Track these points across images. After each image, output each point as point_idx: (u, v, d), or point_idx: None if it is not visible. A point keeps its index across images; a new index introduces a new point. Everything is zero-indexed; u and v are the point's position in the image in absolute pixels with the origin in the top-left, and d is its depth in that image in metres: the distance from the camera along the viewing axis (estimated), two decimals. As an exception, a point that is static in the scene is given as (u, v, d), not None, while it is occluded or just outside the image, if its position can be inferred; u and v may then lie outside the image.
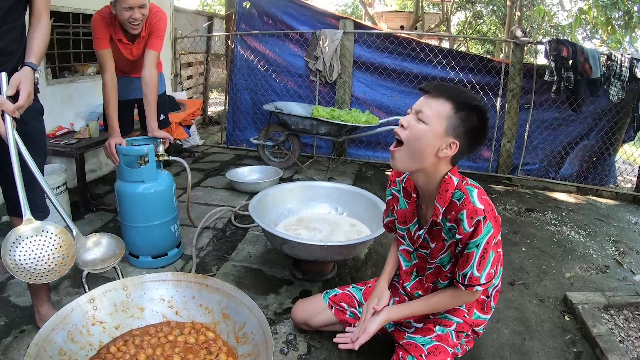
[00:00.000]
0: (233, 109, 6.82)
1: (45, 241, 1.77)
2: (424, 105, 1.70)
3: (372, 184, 5.44)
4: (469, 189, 1.73)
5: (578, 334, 2.87)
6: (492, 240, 1.71)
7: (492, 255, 1.73)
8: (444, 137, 1.68)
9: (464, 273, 1.77)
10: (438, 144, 1.70)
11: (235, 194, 4.76)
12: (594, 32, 13.00)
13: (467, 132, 1.69)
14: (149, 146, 3.03)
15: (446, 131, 1.68)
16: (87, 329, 1.86)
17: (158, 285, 2.07)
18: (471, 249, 1.71)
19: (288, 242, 2.59)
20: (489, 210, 1.69)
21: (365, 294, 2.31)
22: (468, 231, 1.69)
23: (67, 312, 1.81)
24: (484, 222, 1.67)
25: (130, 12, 3.07)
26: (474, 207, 1.68)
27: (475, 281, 1.77)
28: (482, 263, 1.73)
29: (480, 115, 1.69)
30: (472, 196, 1.70)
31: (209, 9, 17.19)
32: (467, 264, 1.75)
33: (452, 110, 1.66)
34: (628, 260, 4.03)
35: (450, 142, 1.69)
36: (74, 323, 1.82)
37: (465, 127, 1.68)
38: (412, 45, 6.02)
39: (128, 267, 3.19)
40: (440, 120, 1.67)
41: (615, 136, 5.99)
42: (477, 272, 1.75)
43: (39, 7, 2.06)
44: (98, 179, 5.00)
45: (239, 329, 1.90)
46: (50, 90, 4.47)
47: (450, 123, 1.67)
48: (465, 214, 1.68)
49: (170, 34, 6.84)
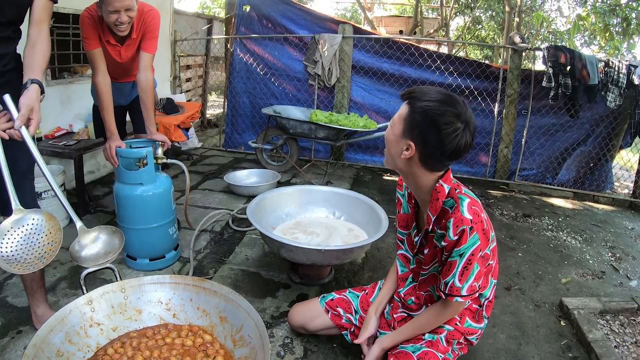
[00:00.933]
0: (232, 112, 6.83)
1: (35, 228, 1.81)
2: (397, 112, 1.76)
3: (369, 188, 5.44)
4: (461, 197, 1.73)
5: (574, 340, 2.88)
6: (477, 253, 1.70)
7: (476, 267, 1.73)
8: (401, 139, 1.72)
9: (446, 281, 1.78)
10: (400, 147, 1.74)
11: (233, 197, 4.76)
12: (592, 38, 13.03)
13: (420, 134, 1.68)
14: (148, 149, 3.03)
15: (403, 133, 1.71)
16: (85, 331, 1.87)
17: (156, 287, 2.07)
18: (454, 257, 1.72)
19: (285, 245, 2.60)
20: (477, 222, 1.69)
21: (362, 302, 2.32)
22: (452, 239, 1.69)
23: (65, 314, 1.82)
24: (469, 232, 1.67)
25: (116, 16, 2.95)
26: (461, 216, 1.68)
27: (456, 291, 1.76)
28: (464, 274, 1.73)
29: (428, 118, 1.66)
30: (462, 205, 1.70)
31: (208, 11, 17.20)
32: (450, 272, 1.75)
33: (408, 111, 1.70)
34: (624, 266, 4.04)
35: (407, 144, 1.72)
36: (72, 324, 1.83)
37: (418, 130, 1.68)
38: (410, 50, 6.04)
39: (125, 270, 3.20)
40: (400, 122, 1.72)
41: (612, 142, 6.01)
42: (458, 282, 1.75)
43: (40, 18, 2.05)
44: (96, 181, 5.01)
45: (236, 332, 1.91)
46: (49, 91, 4.46)
47: (406, 124, 1.70)
48: (452, 222, 1.69)
49: (169, 37, 6.85)
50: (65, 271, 3.16)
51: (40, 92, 1.92)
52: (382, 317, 2.22)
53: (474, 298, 1.95)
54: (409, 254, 2.09)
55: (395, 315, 2.16)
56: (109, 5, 2.89)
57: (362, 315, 2.26)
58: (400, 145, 1.73)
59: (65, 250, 3.35)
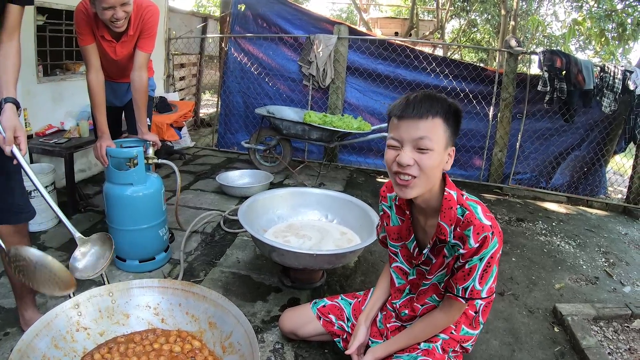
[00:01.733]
0: (225, 111, 6.78)
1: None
2: (417, 132, 1.62)
3: (362, 190, 5.41)
4: (472, 205, 1.71)
5: (567, 346, 2.86)
6: (496, 255, 1.69)
7: (494, 270, 1.72)
8: (445, 151, 1.68)
9: (465, 286, 1.74)
10: (443, 160, 1.69)
11: (225, 197, 4.72)
12: (587, 43, 13.07)
13: (456, 131, 1.70)
14: (139, 149, 2.98)
15: (446, 144, 1.67)
16: (72, 335, 1.82)
17: (144, 291, 2.03)
18: (474, 262, 1.69)
19: (277, 249, 2.56)
20: (495, 226, 1.67)
21: (355, 309, 2.28)
22: (473, 247, 1.66)
23: (51, 318, 1.77)
24: (491, 237, 1.65)
25: (111, 12, 2.78)
26: (481, 223, 1.65)
27: (477, 294, 1.74)
28: (484, 277, 1.71)
29: (459, 112, 1.69)
30: (477, 212, 1.68)
31: (204, 10, 17.14)
32: (469, 277, 1.72)
33: (443, 123, 1.64)
34: (618, 271, 4.03)
35: (449, 152, 1.70)
36: (58, 329, 1.78)
37: (456, 128, 1.69)
38: (406, 52, 6.02)
39: (115, 271, 3.15)
40: (440, 138, 1.63)
41: (606, 147, 6.02)
42: (479, 286, 1.72)
43: (12, 26, 1.97)
44: (87, 179, 4.96)
45: (225, 339, 1.87)
46: (41, 88, 4.42)
47: (447, 135, 1.66)
48: (472, 230, 1.65)
49: (164, 35, 6.81)
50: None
51: (17, 108, 1.88)
52: (373, 325, 2.18)
53: (471, 304, 1.93)
54: (406, 266, 2.05)
55: (388, 325, 2.12)
56: (102, 2, 2.74)
57: (355, 322, 2.23)
58: (443, 159, 1.68)
59: (54, 250, 3.35)
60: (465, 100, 6.01)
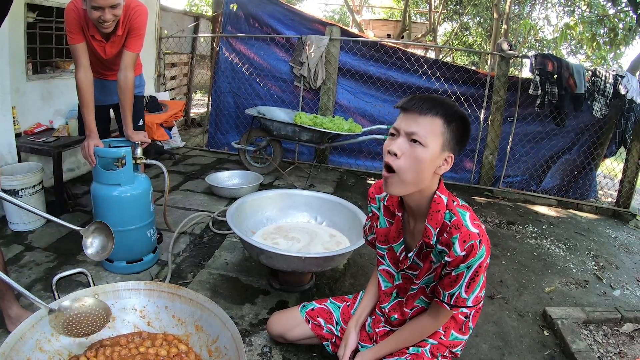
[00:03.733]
0: (216, 111, 6.74)
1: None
2: (414, 126, 1.60)
3: (353, 192, 5.40)
4: (460, 211, 1.68)
5: (557, 350, 2.86)
6: (484, 264, 1.67)
7: (482, 279, 1.70)
8: (440, 154, 1.63)
9: (451, 293, 1.72)
10: (436, 163, 1.64)
11: (215, 198, 4.68)
12: (578, 47, 13.13)
13: (458, 142, 1.66)
14: (127, 149, 2.94)
15: (442, 147, 1.62)
16: (57, 338, 1.80)
17: (130, 294, 2.01)
18: (461, 269, 1.66)
19: (265, 252, 2.54)
20: (482, 234, 1.65)
21: (344, 313, 2.26)
22: (459, 255, 1.63)
23: (35, 320, 1.75)
24: (479, 246, 1.62)
25: (100, 13, 2.81)
26: (468, 230, 1.63)
27: (462, 302, 1.72)
28: (471, 285, 1.69)
29: (466, 122, 1.66)
30: (464, 219, 1.66)
31: (196, 9, 17.07)
32: (456, 284, 1.70)
33: (443, 125, 1.61)
34: (607, 275, 4.04)
35: (446, 157, 1.65)
36: (43, 332, 1.76)
37: (457, 138, 1.64)
38: (398, 54, 6.01)
39: (102, 272, 3.11)
40: (436, 138, 1.60)
41: (597, 151, 6.04)
42: (464, 294, 1.70)
43: None
44: (76, 179, 4.90)
45: (212, 343, 1.85)
46: (30, 86, 4.37)
47: (445, 138, 1.62)
48: (458, 237, 1.63)
49: (155, 34, 6.76)
50: (41, 272, 3.06)
51: None
52: (362, 329, 2.16)
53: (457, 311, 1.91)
54: (392, 269, 2.03)
55: (377, 330, 2.10)
56: (92, 1, 2.76)
57: (344, 326, 2.21)
58: (437, 162, 1.64)
59: (42, 251, 3.31)
60: (457, 103, 5.99)
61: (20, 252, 3.30)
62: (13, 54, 3.99)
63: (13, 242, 3.44)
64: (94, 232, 2.13)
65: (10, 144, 3.87)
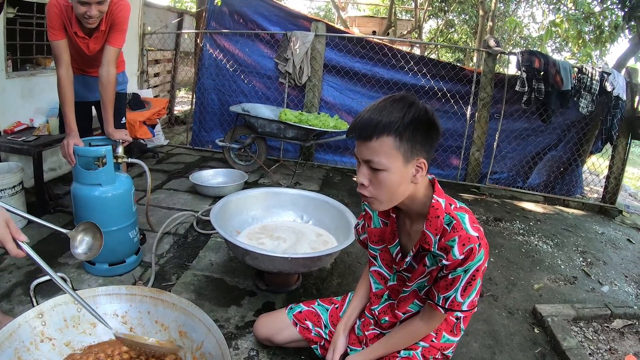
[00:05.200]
0: (200, 109, 6.65)
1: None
2: (367, 153, 1.55)
3: (339, 190, 5.36)
4: (459, 215, 1.61)
5: (548, 347, 2.85)
6: (482, 269, 1.62)
7: (478, 283, 1.65)
8: (406, 166, 1.55)
9: (447, 296, 1.67)
10: (408, 176, 1.57)
11: (199, 197, 4.61)
12: (563, 44, 13.21)
13: (423, 145, 1.55)
14: (107, 147, 2.86)
15: (405, 160, 1.54)
16: (36, 346, 1.72)
17: (111, 299, 1.93)
18: (458, 272, 1.60)
19: (250, 253, 2.47)
20: (482, 237, 1.59)
21: (332, 316, 2.21)
22: (458, 258, 1.57)
23: (13, 328, 1.67)
24: (478, 249, 1.57)
25: (86, 8, 2.77)
26: (467, 234, 1.57)
27: (457, 306, 1.67)
28: (467, 289, 1.64)
29: (423, 122, 1.54)
30: (464, 222, 1.59)
31: (180, 5, 16.94)
32: (452, 288, 1.64)
33: (395, 140, 1.51)
34: (595, 271, 4.05)
35: (416, 164, 1.57)
36: (21, 340, 1.67)
37: (419, 140, 1.54)
38: (383, 50, 5.98)
39: (84, 275, 3.02)
40: (393, 157, 1.52)
41: (583, 147, 6.08)
42: (460, 298, 1.65)
43: None
44: (57, 179, 4.79)
45: (196, 349, 1.78)
46: (9, 83, 4.26)
47: (404, 151, 1.52)
48: (457, 240, 1.57)
49: (138, 30, 6.66)
50: (22, 276, 2.96)
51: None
52: (352, 332, 2.11)
53: (451, 315, 1.86)
54: (385, 271, 1.97)
55: (367, 333, 2.05)
56: None
57: (332, 329, 2.15)
58: (407, 175, 1.57)
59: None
60: (443, 100, 6.01)
61: (0, 255, 3.21)
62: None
63: (-8, 244, 3.34)
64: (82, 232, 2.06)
65: (-11, 144, 3.77)
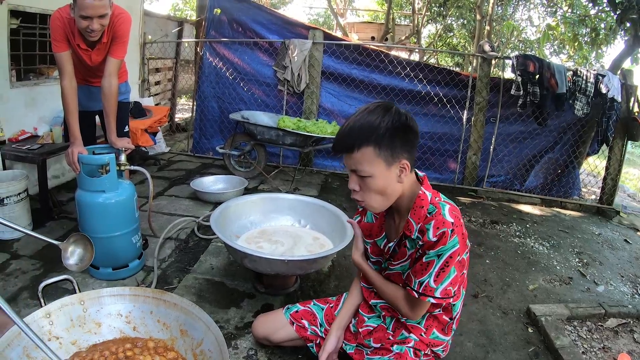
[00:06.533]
0: (200, 116, 6.73)
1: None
2: (352, 163, 1.70)
3: (337, 195, 5.42)
4: (441, 204, 1.72)
5: (541, 346, 2.89)
6: (456, 256, 1.68)
7: (453, 271, 1.71)
8: (389, 170, 1.68)
9: (421, 281, 1.74)
10: (393, 178, 1.70)
11: (200, 203, 4.68)
12: (561, 47, 13.26)
13: (403, 145, 1.67)
14: (110, 155, 2.94)
15: (387, 164, 1.67)
16: (44, 345, 1.79)
17: (115, 300, 2.00)
18: (431, 257, 1.69)
19: (249, 256, 2.54)
20: (458, 225, 1.67)
21: (327, 315, 2.28)
22: (431, 240, 1.66)
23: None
24: (450, 235, 1.65)
25: (88, 22, 2.84)
26: (443, 218, 1.66)
27: (430, 292, 1.73)
28: (440, 275, 1.70)
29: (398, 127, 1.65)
30: (443, 209, 1.69)
31: (180, 14, 17.05)
32: (425, 272, 1.72)
33: (374, 149, 1.64)
34: (591, 271, 4.09)
35: (399, 166, 1.69)
36: (30, 338, 1.75)
37: (398, 144, 1.66)
38: (380, 57, 6.05)
39: (88, 279, 3.09)
40: (375, 163, 1.66)
41: (579, 149, 6.12)
42: (433, 283, 1.72)
43: None
44: (61, 186, 4.86)
45: (196, 346, 1.85)
46: (13, 93, 4.33)
47: (385, 156, 1.65)
48: (433, 224, 1.67)
49: (139, 39, 6.74)
50: (27, 280, 3.04)
51: None
52: (347, 330, 2.18)
53: (447, 310, 1.93)
54: (375, 264, 2.06)
55: (361, 330, 2.12)
56: (81, 10, 2.79)
57: (327, 328, 2.22)
58: (392, 176, 1.69)
59: (28, 258, 3.30)
60: (440, 105, 6.07)
61: (6, 260, 3.28)
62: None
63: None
64: (73, 244, 2.20)
65: (-6, 152, 3.84)
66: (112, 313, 1.99)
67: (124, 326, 1.99)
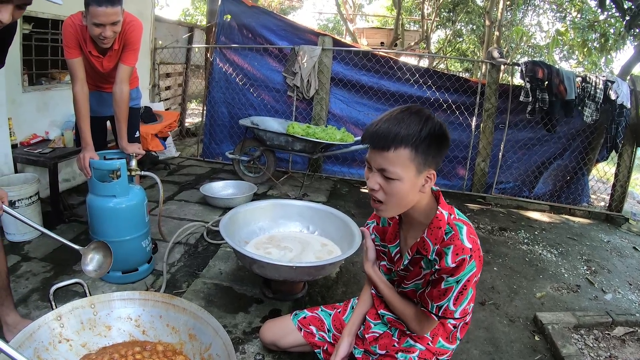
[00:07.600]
0: (210, 122, 6.78)
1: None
2: (382, 162, 1.63)
3: (346, 201, 5.43)
4: (458, 225, 1.69)
5: (547, 354, 2.89)
6: (473, 279, 1.68)
7: (470, 292, 1.71)
8: (418, 177, 1.64)
9: (440, 305, 1.73)
10: (417, 186, 1.66)
11: (209, 208, 4.71)
12: (570, 53, 13.22)
13: (436, 154, 1.64)
14: (122, 161, 2.98)
15: (418, 171, 1.62)
16: (54, 346, 1.82)
17: (125, 304, 2.03)
18: (450, 283, 1.67)
19: (257, 262, 2.56)
20: (476, 250, 1.66)
21: (335, 320, 2.29)
22: (449, 266, 1.64)
23: (33, 329, 1.77)
24: (469, 260, 1.64)
25: (100, 29, 2.89)
26: (462, 245, 1.64)
27: (450, 314, 1.73)
28: (459, 298, 1.70)
29: (437, 136, 1.62)
30: (461, 233, 1.67)
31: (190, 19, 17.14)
32: (444, 297, 1.71)
33: (411, 152, 1.59)
34: (599, 279, 4.07)
35: (426, 175, 1.65)
36: (41, 340, 1.78)
37: (432, 153, 1.62)
38: (389, 63, 6.07)
39: (98, 282, 3.13)
40: (407, 168, 1.61)
41: (588, 156, 6.10)
42: (452, 306, 1.71)
43: None
44: (71, 189, 4.92)
45: (204, 350, 1.87)
46: (26, 97, 4.39)
47: (418, 162, 1.61)
48: (452, 249, 1.64)
49: (149, 44, 6.80)
50: (38, 282, 3.09)
51: None
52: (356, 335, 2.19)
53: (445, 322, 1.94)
54: (390, 265, 2.07)
55: (367, 336, 2.13)
56: (94, 18, 2.84)
57: (335, 333, 2.23)
58: (418, 184, 1.65)
59: (38, 261, 3.34)
60: (449, 111, 6.07)
61: (17, 262, 3.33)
62: (9, 65, 3.98)
63: (10, 252, 3.45)
64: (93, 250, 2.26)
65: (6, 155, 3.89)
66: (122, 316, 2.02)
67: (134, 330, 2.02)
